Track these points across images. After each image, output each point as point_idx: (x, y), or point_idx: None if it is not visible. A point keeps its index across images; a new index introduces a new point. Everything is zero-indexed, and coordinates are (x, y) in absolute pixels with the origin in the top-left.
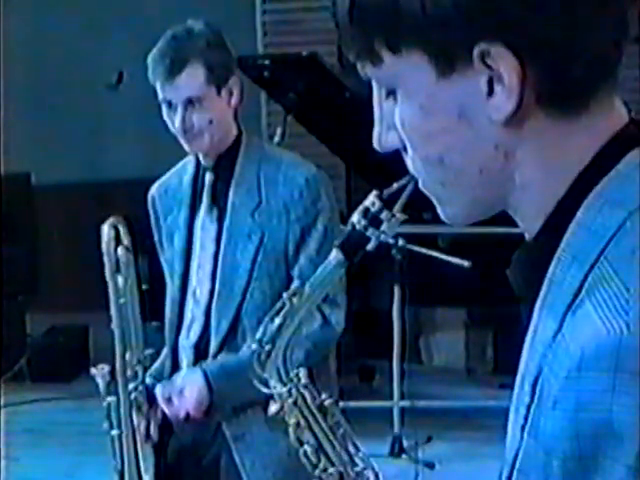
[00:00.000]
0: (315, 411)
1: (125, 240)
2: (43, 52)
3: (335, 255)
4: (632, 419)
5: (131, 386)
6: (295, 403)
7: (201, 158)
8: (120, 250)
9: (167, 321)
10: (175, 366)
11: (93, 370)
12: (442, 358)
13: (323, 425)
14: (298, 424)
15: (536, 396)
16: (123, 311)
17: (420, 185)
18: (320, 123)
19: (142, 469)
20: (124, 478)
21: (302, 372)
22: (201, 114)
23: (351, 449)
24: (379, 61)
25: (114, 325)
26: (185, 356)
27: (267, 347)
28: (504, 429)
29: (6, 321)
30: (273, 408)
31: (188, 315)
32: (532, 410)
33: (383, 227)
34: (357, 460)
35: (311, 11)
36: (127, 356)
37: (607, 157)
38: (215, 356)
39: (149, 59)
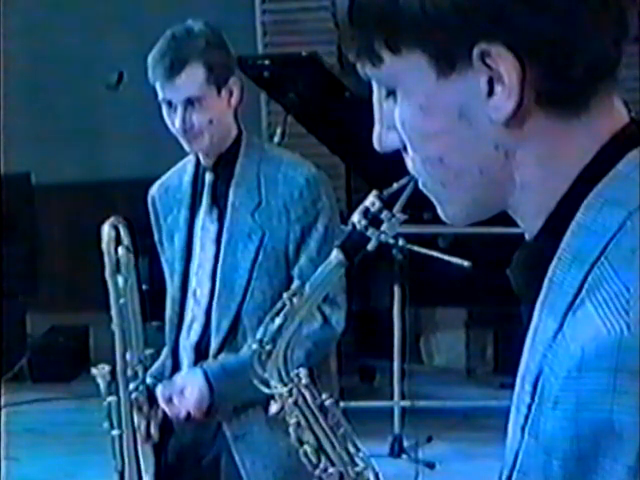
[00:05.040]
0: (315, 411)
1: (125, 240)
2: (43, 52)
3: (335, 255)
4: (632, 419)
5: (131, 386)
6: (295, 403)
7: (201, 158)
8: (120, 250)
9: (167, 321)
10: (175, 366)
11: (93, 370)
12: (442, 358)
13: (323, 425)
14: (298, 424)
15: (536, 396)
16: (123, 311)
17: (420, 185)
18: (320, 123)
19: (142, 469)
20: (124, 478)
21: (303, 372)
22: (201, 114)
23: (351, 449)
24: (379, 61)
25: (114, 325)
26: (186, 356)
27: (268, 347)
28: (504, 429)
29: (6, 321)
30: (273, 408)
31: (188, 315)
32: (532, 410)
33: (383, 227)
34: (357, 460)
35: (311, 11)
36: (127, 356)
37: (607, 157)
38: (215, 356)
39: (149, 59)
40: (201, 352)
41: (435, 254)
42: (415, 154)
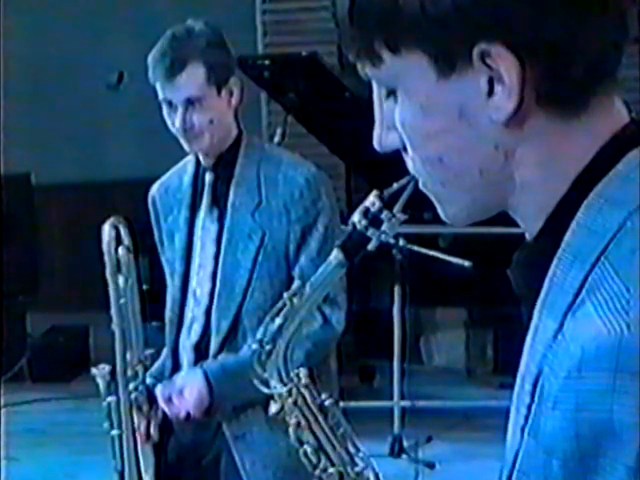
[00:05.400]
0: (315, 411)
1: (126, 240)
2: (43, 52)
3: (336, 255)
4: (632, 419)
5: (131, 386)
6: (295, 403)
7: (201, 158)
8: (121, 250)
9: (167, 321)
10: (175, 366)
11: (93, 370)
12: (442, 358)
13: (323, 425)
14: (298, 424)
15: (536, 396)
16: (123, 311)
17: (420, 185)
18: (320, 123)
19: (142, 469)
20: (124, 478)
21: (302, 372)
22: (201, 114)
23: (351, 449)
24: (379, 61)
25: (114, 325)
26: (186, 356)
27: (268, 347)
28: (504, 429)
29: (6, 321)
30: (273, 408)
31: (188, 315)
32: (532, 410)
33: (383, 227)
34: (357, 460)
35: (311, 11)
36: (127, 356)
37: (607, 157)
38: (215, 356)
39: (149, 59)
40: (201, 352)
41: (435, 254)
42: (415, 154)
